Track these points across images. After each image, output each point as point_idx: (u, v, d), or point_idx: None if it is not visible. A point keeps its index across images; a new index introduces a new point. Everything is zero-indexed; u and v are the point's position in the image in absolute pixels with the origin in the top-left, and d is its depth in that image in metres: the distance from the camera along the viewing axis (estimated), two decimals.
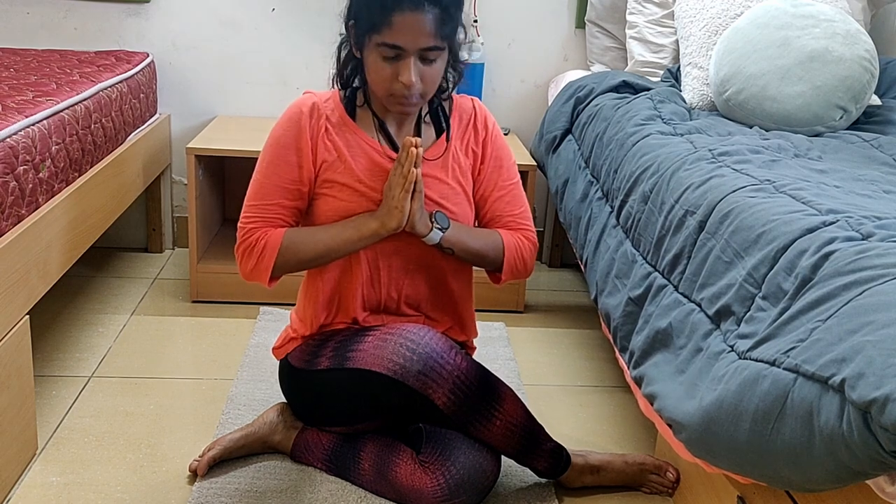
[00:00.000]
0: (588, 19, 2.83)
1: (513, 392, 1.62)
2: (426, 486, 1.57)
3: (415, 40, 1.45)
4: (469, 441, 1.60)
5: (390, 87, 1.50)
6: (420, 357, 1.53)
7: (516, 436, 1.60)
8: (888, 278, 1.05)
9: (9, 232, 1.62)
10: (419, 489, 1.58)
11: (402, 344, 1.56)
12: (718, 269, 1.38)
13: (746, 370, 1.16)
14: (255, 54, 2.86)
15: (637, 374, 1.54)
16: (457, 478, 1.56)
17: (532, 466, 1.66)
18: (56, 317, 2.38)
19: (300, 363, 1.69)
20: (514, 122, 2.97)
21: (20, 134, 1.70)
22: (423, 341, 1.56)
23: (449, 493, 1.57)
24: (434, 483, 1.57)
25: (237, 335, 2.33)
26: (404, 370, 1.53)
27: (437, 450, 1.59)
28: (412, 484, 1.59)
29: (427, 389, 1.53)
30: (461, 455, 1.58)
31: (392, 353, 1.55)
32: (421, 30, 1.45)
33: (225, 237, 2.81)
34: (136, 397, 2.00)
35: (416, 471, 1.59)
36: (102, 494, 1.64)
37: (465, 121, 1.70)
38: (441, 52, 1.50)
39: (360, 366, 1.58)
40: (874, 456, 0.93)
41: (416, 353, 1.54)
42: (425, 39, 1.46)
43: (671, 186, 1.64)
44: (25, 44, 2.76)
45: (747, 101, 2.12)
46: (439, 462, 1.58)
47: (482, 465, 1.59)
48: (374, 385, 1.57)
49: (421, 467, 1.59)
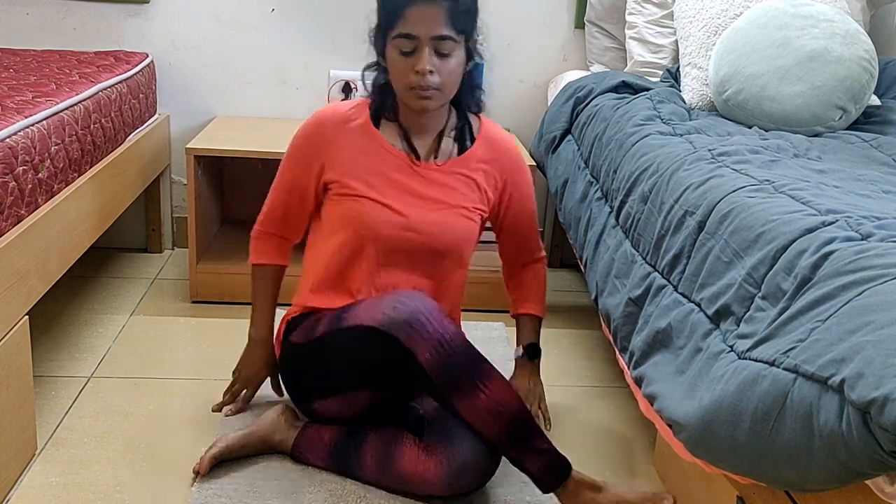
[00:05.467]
0: (587, 19, 2.83)
1: (504, 379, 1.61)
2: (430, 470, 1.58)
3: (427, 28, 1.57)
4: (470, 427, 1.60)
5: (408, 79, 1.61)
6: (408, 309, 1.57)
7: (502, 421, 1.56)
8: (887, 278, 1.05)
9: (8, 232, 1.62)
10: (423, 474, 1.59)
11: (393, 299, 1.61)
12: (718, 270, 1.38)
13: (746, 370, 1.16)
14: (255, 54, 2.86)
15: (637, 374, 1.54)
16: (460, 460, 1.57)
17: (525, 468, 1.59)
18: (55, 317, 2.38)
19: (300, 339, 1.74)
20: (513, 123, 2.97)
21: (19, 134, 1.70)
22: (414, 298, 1.60)
23: (453, 476, 1.57)
24: (439, 467, 1.58)
25: (237, 335, 2.32)
26: (391, 321, 1.56)
27: (440, 435, 1.61)
28: (416, 469, 1.60)
29: (410, 342, 1.54)
30: (464, 440, 1.58)
31: (383, 306, 1.59)
32: (433, 18, 1.57)
33: (224, 237, 2.81)
34: (135, 397, 2.00)
35: (420, 455, 1.60)
36: (102, 495, 1.64)
37: (496, 149, 1.82)
38: (456, 44, 1.61)
39: (352, 322, 1.62)
40: (873, 456, 0.93)
41: (406, 305, 1.58)
42: (438, 28, 1.57)
43: (671, 186, 1.64)
44: (25, 44, 2.76)
45: (746, 101, 2.12)
46: (443, 446, 1.59)
47: (484, 449, 1.59)
48: (364, 341, 1.60)
49: (425, 452, 1.60)
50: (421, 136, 1.76)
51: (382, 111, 1.75)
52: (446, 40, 1.59)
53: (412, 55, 1.59)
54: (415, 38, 1.58)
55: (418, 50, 1.59)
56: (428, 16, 1.57)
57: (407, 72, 1.60)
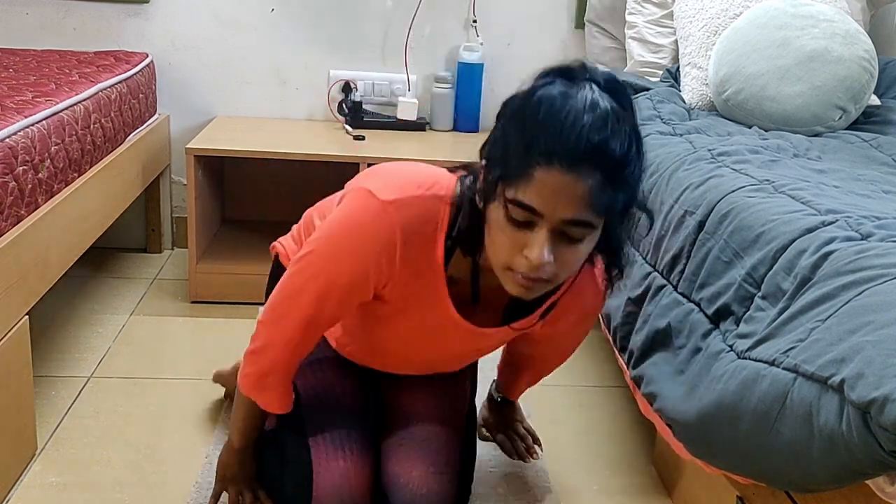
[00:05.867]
0: (587, 19, 2.83)
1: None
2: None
3: (557, 208, 1.05)
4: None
5: (511, 259, 1.11)
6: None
7: None
8: (887, 278, 1.05)
9: (8, 232, 1.62)
10: None
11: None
12: (717, 269, 1.38)
13: (745, 370, 1.16)
14: (255, 54, 2.86)
15: (636, 374, 1.54)
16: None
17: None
18: (55, 317, 2.38)
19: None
20: None
21: (19, 134, 1.70)
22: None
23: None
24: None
25: (237, 335, 2.32)
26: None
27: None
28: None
29: None
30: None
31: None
32: (570, 196, 1.04)
33: (224, 238, 2.81)
34: (135, 397, 2.00)
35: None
36: (102, 495, 1.64)
37: (574, 308, 1.41)
38: (593, 230, 1.09)
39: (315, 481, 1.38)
40: (873, 456, 0.93)
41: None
42: (573, 210, 1.05)
43: (670, 186, 1.64)
44: (24, 44, 2.76)
45: (746, 101, 2.12)
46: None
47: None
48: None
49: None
50: (495, 293, 1.25)
51: (459, 240, 1.24)
52: (580, 226, 1.07)
53: (526, 229, 1.08)
54: (537, 215, 1.06)
55: (536, 227, 1.07)
56: (565, 191, 1.03)
57: (512, 249, 1.10)
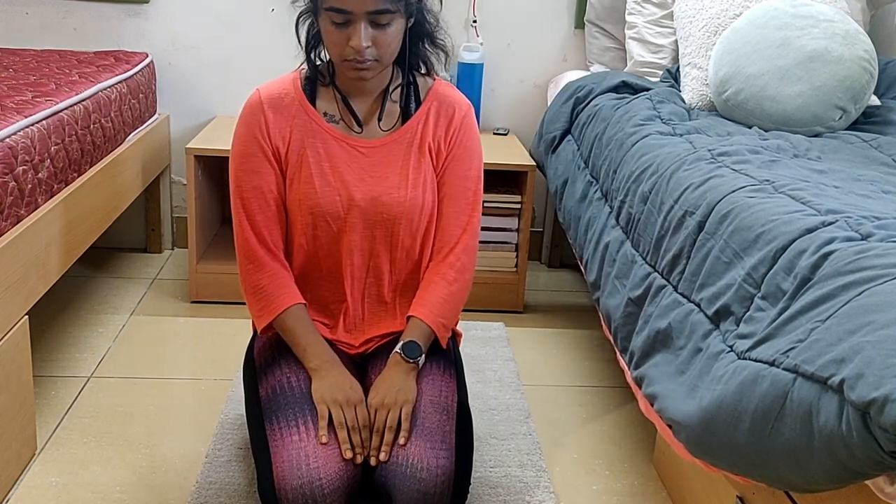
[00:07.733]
0: (587, 19, 2.83)
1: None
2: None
3: (361, 3, 1.41)
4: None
5: (342, 51, 1.46)
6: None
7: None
8: (887, 278, 1.05)
9: (8, 232, 1.62)
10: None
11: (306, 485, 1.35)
12: (718, 270, 1.38)
13: (746, 370, 1.16)
14: (254, 54, 2.86)
15: (637, 374, 1.54)
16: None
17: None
18: (55, 317, 2.38)
19: (259, 357, 1.61)
20: (513, 123, 2.97)
21: (19, 134, 1.70)
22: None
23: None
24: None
25: (236, 335, 2.33)
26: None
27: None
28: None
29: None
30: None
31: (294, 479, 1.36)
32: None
33: (224, 237, 2.81)
34: (135, 397, 2.00)
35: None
36: (102, 495, 1.64)
37: (444, 114, 1.62)
38: (394, 14, 1.45)
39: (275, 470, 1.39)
40: (873, 456, 0.93)
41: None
42: (373, 2, 1.41)
43: (670, 187, 1.64)
44: (24, 44, 2.76)
45: (746, 101, 2.12)
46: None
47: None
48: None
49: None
50: (361, 97, 1.60)
51: (317, 80, 1.61)
52: (383, 13, 1.43)
53: (346, 27, 1.44)
54: (348, 13, 1.42)
55: (352, 23, 1.43)
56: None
57: (341, 44, 1.46)
